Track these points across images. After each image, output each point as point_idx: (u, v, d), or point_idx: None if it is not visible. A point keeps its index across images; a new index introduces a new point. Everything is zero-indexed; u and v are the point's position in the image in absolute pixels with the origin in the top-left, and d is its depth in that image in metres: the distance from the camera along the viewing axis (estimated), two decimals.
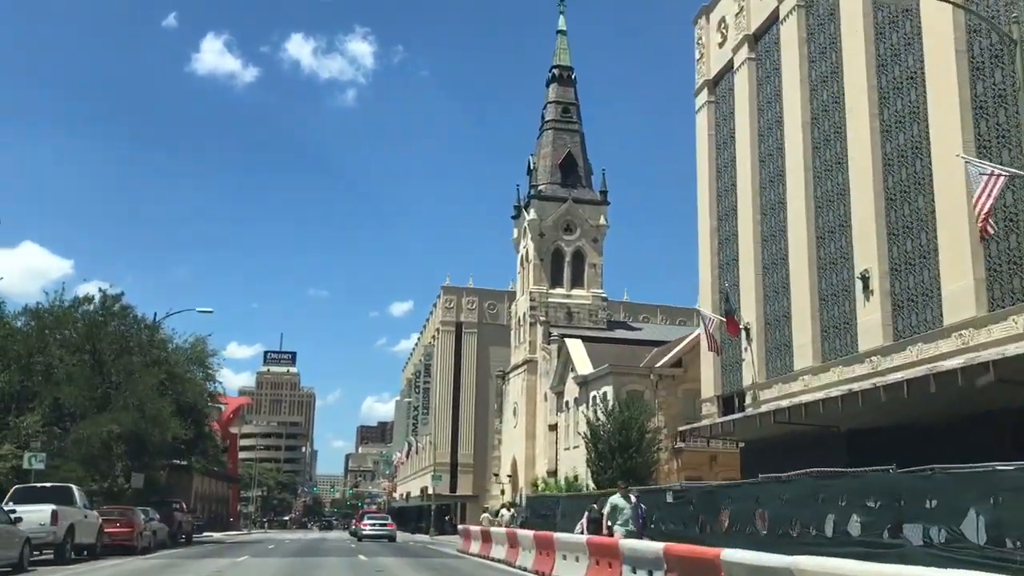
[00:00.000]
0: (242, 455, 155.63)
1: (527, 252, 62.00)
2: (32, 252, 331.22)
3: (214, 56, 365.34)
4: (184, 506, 38.95)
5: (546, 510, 33.47)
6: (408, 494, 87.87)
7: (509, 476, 60.06)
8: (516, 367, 61.23)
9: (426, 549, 35.41)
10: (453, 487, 70.82)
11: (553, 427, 52.79)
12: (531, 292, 59.56)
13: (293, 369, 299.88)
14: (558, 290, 60.13)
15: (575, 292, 60.36)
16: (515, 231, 65.14)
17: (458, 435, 73.00)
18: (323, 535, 67.51)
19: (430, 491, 69.14)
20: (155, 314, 37.38)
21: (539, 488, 49.00)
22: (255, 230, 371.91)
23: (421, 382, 79.98)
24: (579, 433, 45.20)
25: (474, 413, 72.81)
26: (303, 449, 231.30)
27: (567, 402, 50.38)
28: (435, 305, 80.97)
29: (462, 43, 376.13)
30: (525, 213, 62.27)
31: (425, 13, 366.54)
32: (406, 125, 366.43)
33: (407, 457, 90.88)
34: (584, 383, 46.92)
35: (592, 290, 60.53)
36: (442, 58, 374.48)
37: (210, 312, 39.34)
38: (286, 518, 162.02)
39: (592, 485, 37.18)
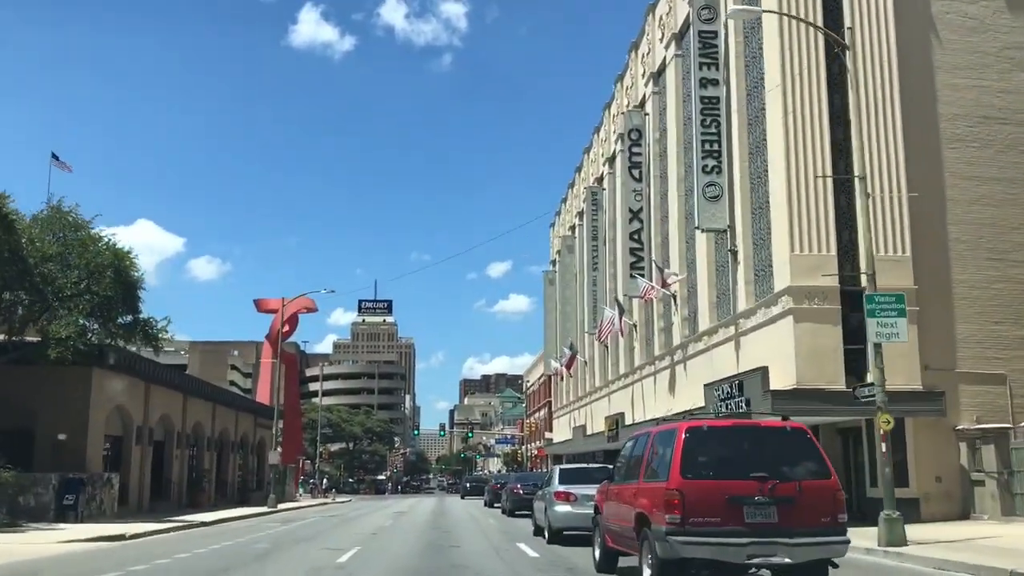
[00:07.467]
0: (326, 400, 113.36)
1: None
2: (147, 229, 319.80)
3: (311, 26, 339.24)
4: None
5: None
6: (617, 421, 39.94)
7: None
8: None
9: None
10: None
11: None
12: None
13: (390, 319, 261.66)
14: None
15: None
16: None
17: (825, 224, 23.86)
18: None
19: (779, 383, 21.69)
20: None
21: None
22: (359, 199, 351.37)
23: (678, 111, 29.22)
24: None
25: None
26: (403, 394, 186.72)
27: None
28: None
29: None
30: None
31: None
32: (504, 85, 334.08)
33: (607, 339, 42.70)
34: None
35: None
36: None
37: None
38: (381, 476, 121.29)
39: None
